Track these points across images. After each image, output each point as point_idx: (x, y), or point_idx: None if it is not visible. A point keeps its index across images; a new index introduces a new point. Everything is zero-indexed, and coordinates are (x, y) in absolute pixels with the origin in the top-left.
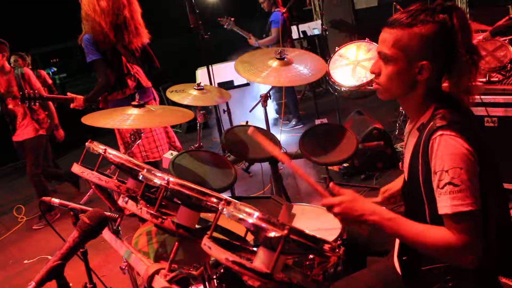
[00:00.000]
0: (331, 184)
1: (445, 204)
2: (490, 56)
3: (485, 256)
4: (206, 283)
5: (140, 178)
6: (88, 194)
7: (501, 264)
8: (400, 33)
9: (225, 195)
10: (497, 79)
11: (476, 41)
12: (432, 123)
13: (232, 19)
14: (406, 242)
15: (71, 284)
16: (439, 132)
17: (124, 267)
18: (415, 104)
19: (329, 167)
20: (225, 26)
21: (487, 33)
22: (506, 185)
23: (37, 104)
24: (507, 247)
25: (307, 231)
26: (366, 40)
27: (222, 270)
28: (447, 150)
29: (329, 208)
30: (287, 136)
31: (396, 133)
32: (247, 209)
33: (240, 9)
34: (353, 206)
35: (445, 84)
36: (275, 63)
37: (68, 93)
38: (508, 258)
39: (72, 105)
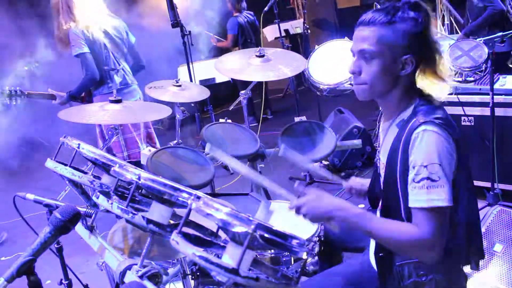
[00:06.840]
0: (295, 184)
1: (421, 198)
2: (466, 55)
3: (455, 250)
4: (182, 279)
5: (112, 173)
6: (65, 190)
7: (468, 257)
8: (383, 30)
9: (204, 192)
10: (473, 78)
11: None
12: (414, 119)
13: None
14: (372, 237)
15: (48, 281)
16: (422, 128)
17: (101, 263)
18: (395, 101)
19: None
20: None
21: (461, 34)
22: (481, 183)
23: (18, 101)
24: (473, 241)
25: (275, 227)
26: (345, 39)
27: (197, 267)
28: (428, 146)
29: (297, 210)
30: (265, 133)
31: (376, 131)
32: (216, 205)
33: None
34: (318, 204)
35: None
36: (256, 61)
37: (49, 90)
38: (473, 251)
39: (55, 102)
